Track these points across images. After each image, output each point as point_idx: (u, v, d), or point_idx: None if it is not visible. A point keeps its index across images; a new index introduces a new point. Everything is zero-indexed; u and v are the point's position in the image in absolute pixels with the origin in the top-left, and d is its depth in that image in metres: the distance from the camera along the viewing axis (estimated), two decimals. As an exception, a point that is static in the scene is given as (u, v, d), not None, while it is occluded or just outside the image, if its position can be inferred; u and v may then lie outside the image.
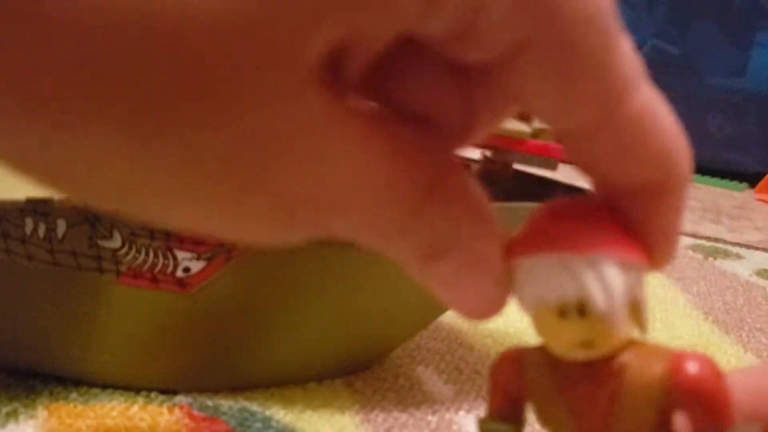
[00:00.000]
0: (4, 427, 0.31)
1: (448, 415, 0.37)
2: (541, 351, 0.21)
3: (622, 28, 0.15)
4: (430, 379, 0.40)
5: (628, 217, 0.17)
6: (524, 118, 0.34)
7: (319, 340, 0.36)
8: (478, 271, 0.16)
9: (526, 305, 0.18)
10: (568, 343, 0.19)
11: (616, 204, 0.17)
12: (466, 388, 0.40)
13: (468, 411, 0.37)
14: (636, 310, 0.18)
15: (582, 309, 0.18)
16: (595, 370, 0.20)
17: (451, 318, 0.48)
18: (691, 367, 0.19)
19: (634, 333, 0.19)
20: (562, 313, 0.18)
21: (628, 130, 0.15)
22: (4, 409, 0.32)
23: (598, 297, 0.17)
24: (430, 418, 0.36)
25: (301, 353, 0.37)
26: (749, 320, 0.57)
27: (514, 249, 0.18)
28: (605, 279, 0.17)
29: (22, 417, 0.32)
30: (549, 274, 0.17)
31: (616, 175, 0.16)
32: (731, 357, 0.49)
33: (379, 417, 0.36)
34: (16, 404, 0.33)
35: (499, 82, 0.15)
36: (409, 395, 0.38)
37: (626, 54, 0.15)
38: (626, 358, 0.19)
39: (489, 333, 0.47)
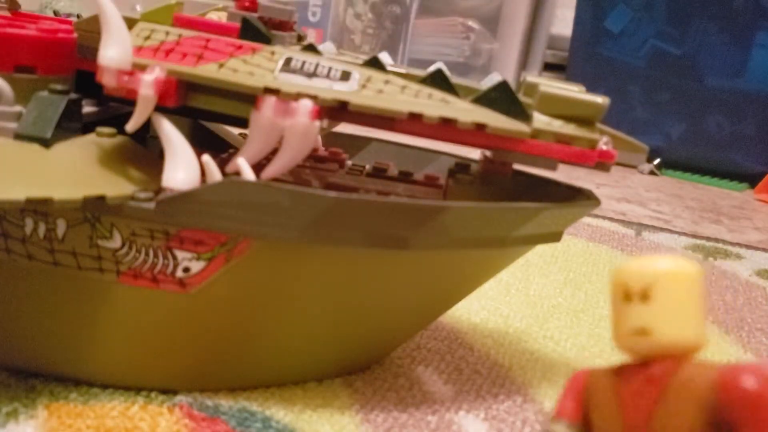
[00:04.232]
0: (4, 427, 0.31)
1: (448, 415, 0.37)
2: (610, 370, 0.22)
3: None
4: (430, 379, 0.40)
5: None
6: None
7: (319, 340, 0.36)
8: None
9: None
10: (627, 331, 0.20)
11: None
12: (466, 388, 0.40)
13: (468, 411, 0.37)
14: None
15: (646, 294, 0.19)
16: (648, 370, 0.20)
17: (451, 318, 0.48)
18: (748, 382, 0.18)
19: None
20: (628, 293, 0.19)
21: None
22: (4, 409, 0.32)
23: None
24: (430, 418, 0.36)
25: (301, 353, 0.37)
26: (749, 320, 0.57)
27: None
28: None
29: (22, 417, 0.32)
30: None
31: None
32: (731, 357, 0.49)
33: (379, 417, 0.36)
34: (16, 404, 0.33)
35: None
36: (409, 395, 0.38)
37: None
38: (679, 363, 0.20)
39: (489, 333, 0.47)
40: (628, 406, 0.21)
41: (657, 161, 1.32)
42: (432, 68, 0.34)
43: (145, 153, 0.36)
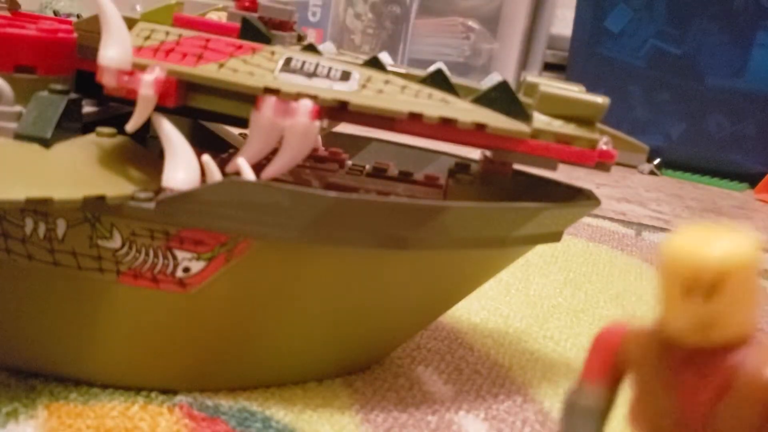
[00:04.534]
0: (4, 427, 0.31)
1: (448, 415, 0.37)
2: (653, 331, 0.20)
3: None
4: (430, 379, 0.40)
5: None
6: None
7: (319, 340, 0.36)
8: None
9: None
10: (688, 324, 0.18)
11: None
12: (466, 388, 0.40)
13: (468, 411, 0.37)
14: None
15: (715, 287, 0.17)
16: (706, 361, 0.18)
17: (451, 318, 0.48)
18: None
19: None
20: (690, 288, 0.17)
21: None
22: (4, 409, 0.32)
23: None
24: (430, 418, 0.36)
25: (301, 353, 0.37)
26: (749, 320, 0.57)
27: None
28: None
29: (22, 417, 0.32)
30: None
31: None
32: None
33: (379, 417, 0.36)
34: (16, 404, 0.33)
35: None
36: (409, 395, 0.38)
37: None
38: (741, 355, 0.18)
39: (489, 333, 0.47)
40: (684, 391, 0.19)
41: (657, 161, 1.32)
42: (432, 68, 0.34)
43: (145, 153, 0.36)
